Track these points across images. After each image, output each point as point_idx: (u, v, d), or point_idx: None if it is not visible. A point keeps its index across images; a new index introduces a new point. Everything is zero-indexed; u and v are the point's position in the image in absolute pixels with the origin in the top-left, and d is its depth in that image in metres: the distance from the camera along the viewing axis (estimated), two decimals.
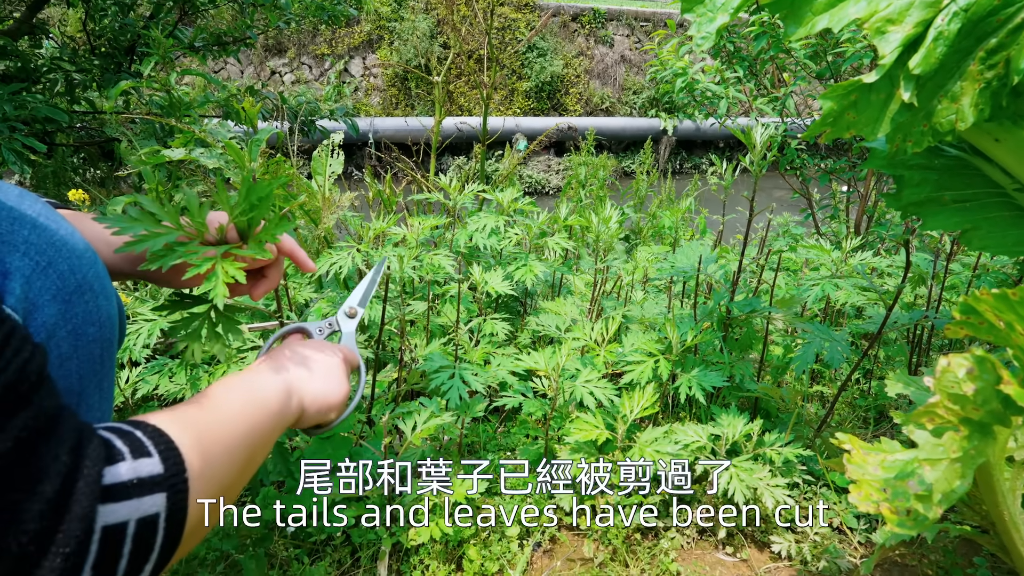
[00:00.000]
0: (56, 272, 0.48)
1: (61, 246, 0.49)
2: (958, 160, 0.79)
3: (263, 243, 0.60)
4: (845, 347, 1.11)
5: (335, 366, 0.66)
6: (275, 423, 0.56)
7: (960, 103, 0.61)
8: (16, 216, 0.47)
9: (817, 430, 1.19)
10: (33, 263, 0.46)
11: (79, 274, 0.49)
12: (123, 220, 0.54)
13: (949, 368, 0.47)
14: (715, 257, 1.34)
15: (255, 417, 0.53)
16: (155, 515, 0.40)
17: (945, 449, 0.47)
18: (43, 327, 0.46)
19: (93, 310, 0.50)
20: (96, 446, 0.39)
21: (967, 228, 0.79)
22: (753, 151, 1.08)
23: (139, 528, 0.39)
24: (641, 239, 3.19)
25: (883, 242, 2.42)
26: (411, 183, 1.87)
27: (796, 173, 2.95)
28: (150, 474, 0.40)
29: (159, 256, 0.54)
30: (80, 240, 0.52)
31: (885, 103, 0.62)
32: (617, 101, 9.29)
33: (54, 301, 0.47)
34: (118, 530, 0.37)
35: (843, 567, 0.98)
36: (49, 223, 0.49)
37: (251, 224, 0.61)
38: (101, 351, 0.52)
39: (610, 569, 0.96)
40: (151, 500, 0.39)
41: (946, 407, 0.47)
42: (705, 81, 2.74)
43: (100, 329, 0.51)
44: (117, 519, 0.37)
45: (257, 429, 0.53)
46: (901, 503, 0.54)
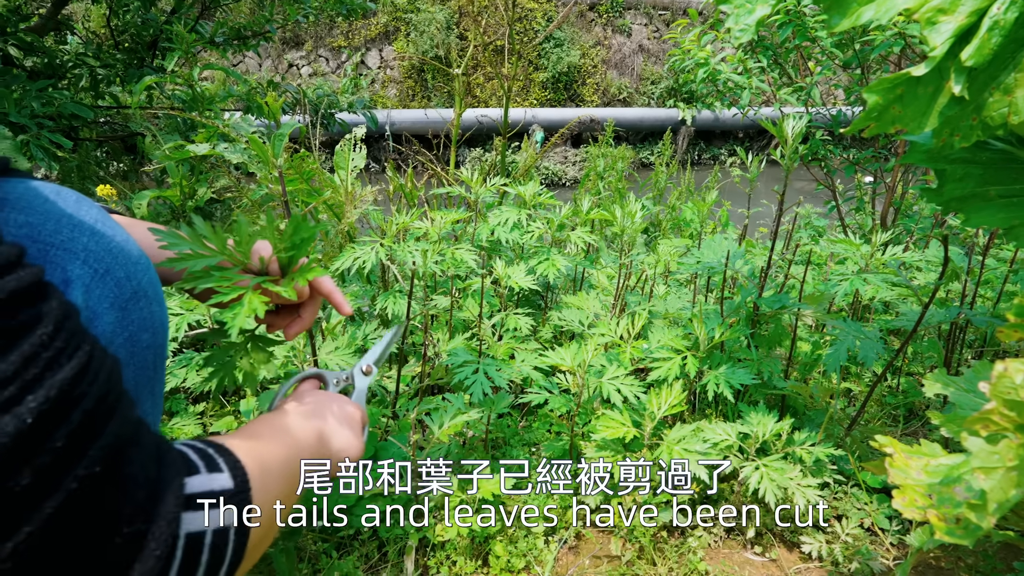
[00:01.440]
0: (113, 279, 0.48)
1: (118, 253, 0.49)
2: (1004, 154, 0.76)
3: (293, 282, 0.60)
4: (878, 345, 1.08)
5: (356, 422, 0.67)
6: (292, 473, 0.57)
7: (1014, 95, 0.58)
8: (76, 223, 0.47)
9: (847, 429, 1.17)
10: (92, 271, 0.46)
11: (134, 281, 0.50)
12: (173, 236, 0.55)
13: (1006, 373, 0.45)
14: (742, 252, 1.32)
15: (294, 455, 0.55)
16: (227, 528, 0.41)
17: (1001, 457, 0.46)
18: (102, 335, 0.47)
19: (147, 316, 0.51)
20: (175, 457, 0.40)
21: (1014, 224, 0.76)
22: (785, 145, 1.05)
23: (214, 539, 0.40)
24: (661, 232, 3.16)
25: (911, 236, 2.36)
26: (432, 176, 1.87)
27: (820, 164, 2.89)
28: (222, 488, 0.42)
29: (194, 277, 0.54)
30: (135, 247, 0.52)
31: (933, 96, 0.60)
32: (635, 91, 9.19)
33: (112, 309, 0.47)
34: (198, 539, 0.39)
35: (876, 569, 0.96)
36: (106, 230, 0.49)
37: (291, 261, 0.61)
38: (154, 357, 0.52)
39: (637, 567, 0.95)
40: (224, 513, 0.41)
41: (1002, 413, 0.46)
42: (727, 71, 2.69)
43: (154, 336, 0.52)
44: (197, 528, 0.39)
45: (296, 466, 0.55)
46: (949, 510, 0.53)
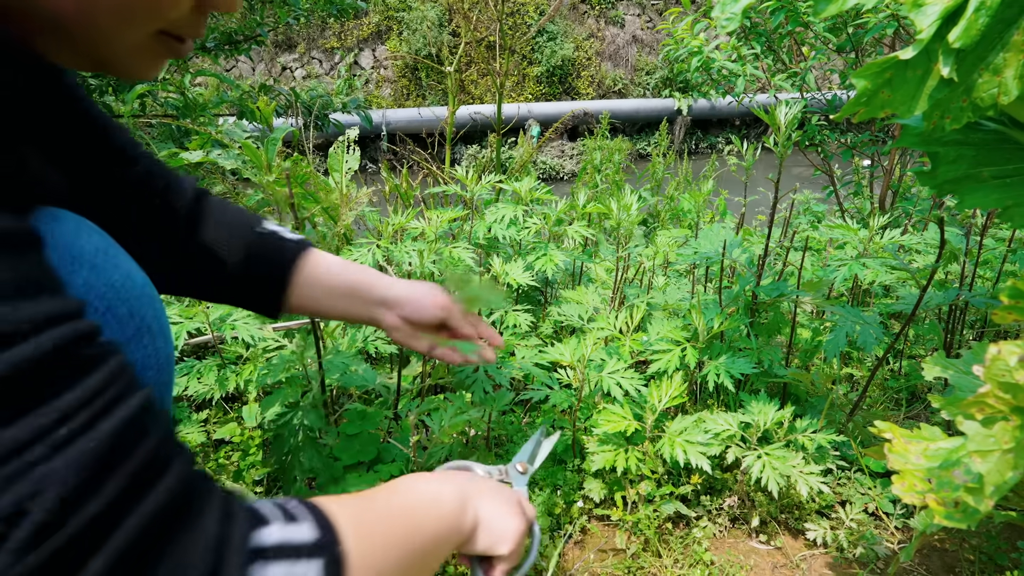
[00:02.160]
0: (115, 317, 0.46)
1: (120, 287, 0.47)
2: (997, 134, 0.76)
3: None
4: (877, 329, 1.08)
5: (511, 497, 0.61)
6: (449, 528, 0.52)
7: (1003, 75, 0.58)
8: (75, 255, 0.45)
9: (849, 414, 1.17)
10: (92, 308, 0.44)
11: (138, 317, 0.48)
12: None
13: (999, 356, 0.45)
14: (739, 241, 1.32)
15: (422, 517, 0.49)
16: None
17: (996, 440, 0.46)
18: None
19: (152, 354, 0.49)
20: (242, 511, 0.37)
21: (1008, 205, 0.76)
22: (778, 132, 1.05)
23: None
24: (659, 223, 3.15)
25: (909, 218, 2.36)
26: (427, 175, 1.87)
27: (816, 149, 2.88)
28: (302, 540, 0.37)
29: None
30: (139, 277, 0.50)
31: (922, 80, 0.60)
32: (630, 82, 9.16)
33: None
34: None
35: (880, 553, 0.96)
36: (107, 261, 0.47)
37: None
38: (160, 395, 0.50)
39: (643, 560, 0.95)
40: (304, 565, 0.36)
41: (997, 396, 0.46)
42: (721, 59, 2.68)
43: (159, 373, 0.50)
44: None
45: (426, 530, 0.49)
46: (947, 494, 0.53)
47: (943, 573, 0.93)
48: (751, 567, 0.96)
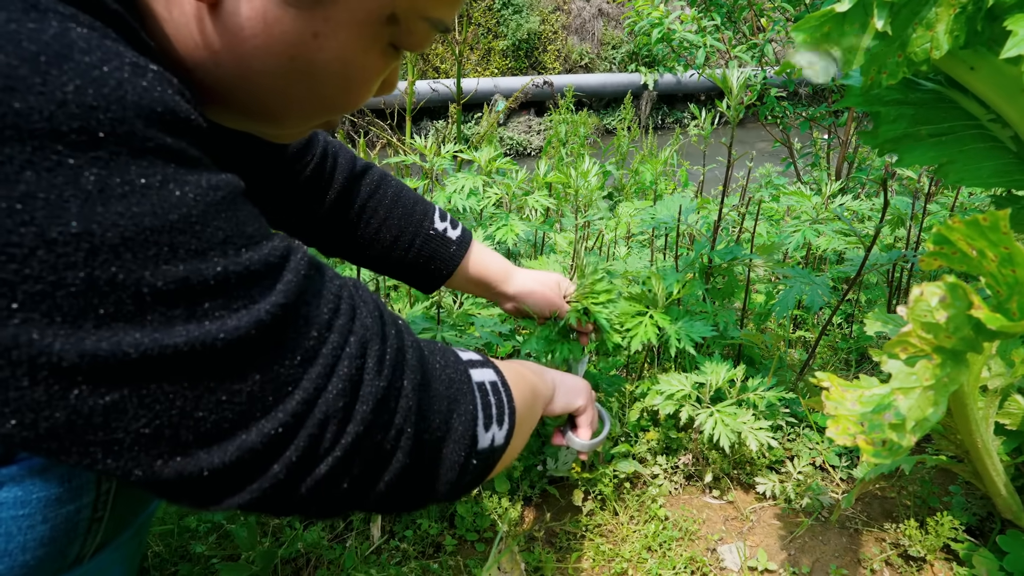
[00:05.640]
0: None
1: None
2: (934, 93, 0.78)
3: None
4: (826, 290, 1.11)
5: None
6: (534, 391, 0.65)
7: (935, 30, 0.59)
8: None
9: (799, 373, 1.21)
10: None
11: None
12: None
13: (922, 297, 0.47)
14: (695, 207, 1.33)
15: (528, 374, 0.65)
16: (494, 380, 0.54)
17: (918, 378, 0.48)
18: None
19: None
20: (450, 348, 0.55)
21: (943, 162, 0.79)
22: (730, 96, 1.06)
23: (492, 385, 0.53)
24: (624, 196, 3.17)
25: (863, 187, 2.42)
26: (386, 147, 1.83)
27: (777, 122, 2.93)
28: (475, 357, 0.55)
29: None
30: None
31: (859, 33, 0.61)
32: (596, 57, 9.11)
33: None
34: (482, 386, 0.52)
35: (825, 503, 1.01)
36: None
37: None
38: None
39: (599, 518, 0.97)
40: (484, 371, 0.54)
41: (919, 336, 0.48)
42: (682, 31, 2.68)
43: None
44: (481, 379, 0.52)
45: (531, 380, 0.65)
46: (877, 435, 0.55)
47: (882, 518, 0.98)
48: (703, 520, 0.99)
